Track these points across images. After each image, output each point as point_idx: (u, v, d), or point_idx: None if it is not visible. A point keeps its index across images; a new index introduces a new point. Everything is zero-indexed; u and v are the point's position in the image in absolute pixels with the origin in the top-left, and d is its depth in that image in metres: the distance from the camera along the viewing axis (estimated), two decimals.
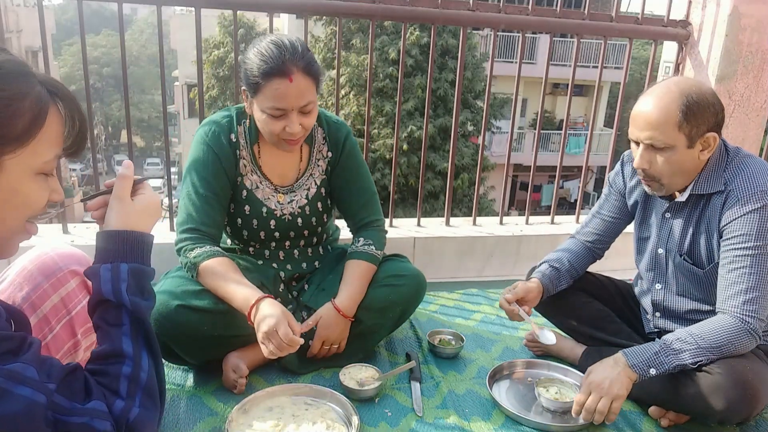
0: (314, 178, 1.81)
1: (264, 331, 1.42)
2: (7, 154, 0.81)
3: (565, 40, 16.37)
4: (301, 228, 1.81)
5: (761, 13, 2.63)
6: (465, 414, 1.61)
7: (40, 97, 0.83)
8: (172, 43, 17.60)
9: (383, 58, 10.88)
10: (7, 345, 0.79)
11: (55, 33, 20.42)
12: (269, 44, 1.54)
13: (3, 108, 0.79)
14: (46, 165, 0.87)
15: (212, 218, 1.66)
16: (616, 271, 2.18)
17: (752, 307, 1.46)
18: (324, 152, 1.81)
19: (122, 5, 2.16)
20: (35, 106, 0.82)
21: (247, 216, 1.75)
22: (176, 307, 1.53)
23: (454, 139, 2.79)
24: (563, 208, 17.63)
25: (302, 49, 1.56)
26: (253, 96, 1.58)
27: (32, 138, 0.82)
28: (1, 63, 0.81)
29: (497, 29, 2.58)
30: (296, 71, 1.52)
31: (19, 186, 0.84)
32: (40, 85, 0.84)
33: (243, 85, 1.61)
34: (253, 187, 1.74)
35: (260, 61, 1.52)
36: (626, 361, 1.51)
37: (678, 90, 1.48)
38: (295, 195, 1.79)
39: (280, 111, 1.55)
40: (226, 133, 1.69)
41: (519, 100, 2.92)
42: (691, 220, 1.62)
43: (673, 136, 1.48)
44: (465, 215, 7.12)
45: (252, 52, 1.56)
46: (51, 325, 1.14)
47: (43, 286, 1.14)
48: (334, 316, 1.68)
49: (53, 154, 0.87)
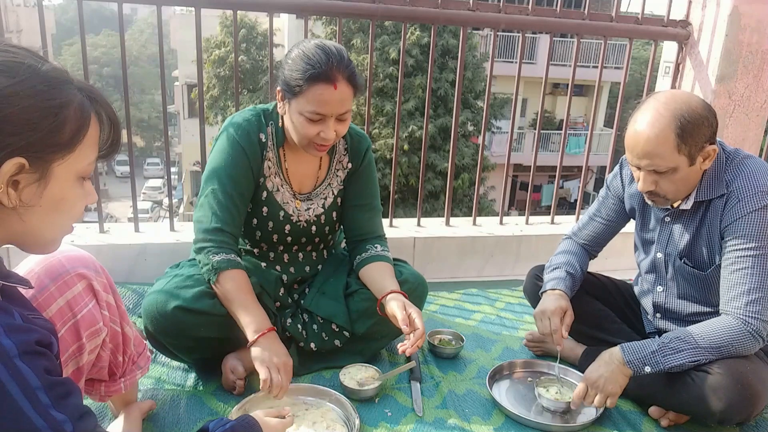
0: (332, 188, 1.81)
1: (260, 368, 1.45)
2: (56, 161, 0.84)
3: (565, 40, 16.38)
4: (314, 235, 1.81)
5: (761, 13, 2.63)
6: (465, 414, 1.61)
7: (83, 103, 0.86)
8: (172, 43, 17.58)
9: (384, 57, 10.89)
10: (60, 390, 0.80)
11: (55, 33, 20.40)
12: (316, 49, 1.53)
13: (53, 117, 0.82)
14: (87, 169, 0.90)
15: (236, 219, 1.65)
16: (617, 271, 2.18)
17: (755, 308, 1.45)
18: (344, 163, 1.81)
19: (122, 5, 2.16)
20: (79, 113, 0.85)
21: (264, 217, 1.74)
22: (174, 309, 1.53)
23: (454, 139, 2.79)
24: (563, 208, 17.63)
25: (347, 58, 1.56)
26: (292, 97, 1.56)
27: (78, 144, 0.86)
28: (47, 72, 0.83)
29: (497, 29, 2.58)
30: (341, 79, 1.52)
31: (66, 191, 0.88)
32: (79, 91, 0.87)
33: (280, 86, 1.59)
34: (274, 190, 1.73)
35: (306, 64, 1.51)
36: (622, 357, 1.51)
37: (669, 113, 1.45)
38: (312, 203, 1.78)
39: (320, 116, 1.54)
40: (255, 132, 1.67)
41: (519, 100, 2.92)
42: (691, 223, 1.61)
43: (673, 160, 1.47)
44: (465, 215, 7.12)
45: (296, 53, 1.55)
46: (56, 328, 1.14)
47: (49, 289, 1.14)
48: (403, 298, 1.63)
49: (93, 157, 0.91)
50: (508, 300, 2.44)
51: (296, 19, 13.98)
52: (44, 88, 0.82)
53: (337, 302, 1.76)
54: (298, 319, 1.76)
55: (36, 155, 0.81)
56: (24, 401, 0.75)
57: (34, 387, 0.76)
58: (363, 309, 1.74)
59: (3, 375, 0.73)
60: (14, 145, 0.79)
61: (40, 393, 0.76)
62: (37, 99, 0.81)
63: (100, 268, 1.25)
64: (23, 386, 0.75)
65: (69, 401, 0.81)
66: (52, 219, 0.88)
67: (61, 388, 0.80)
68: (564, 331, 1.66)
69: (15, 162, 0.79)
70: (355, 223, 1.83)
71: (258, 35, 13.90)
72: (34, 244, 0.91)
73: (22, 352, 0.76)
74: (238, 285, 1.55)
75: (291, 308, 1.78)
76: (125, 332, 1.30)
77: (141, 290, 2.15)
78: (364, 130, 2.61)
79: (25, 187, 0.82)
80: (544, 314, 1.68)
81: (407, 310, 1.58)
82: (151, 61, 34.53)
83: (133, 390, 1.44)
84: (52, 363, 0.81)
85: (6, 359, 0.74)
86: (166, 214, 3.00)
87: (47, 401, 0.77)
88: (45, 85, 0.82)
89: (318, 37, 2.34)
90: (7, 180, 0.80)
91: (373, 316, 1.71)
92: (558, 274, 1.80)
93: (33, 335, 0.79)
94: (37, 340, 0.79)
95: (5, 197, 0.80)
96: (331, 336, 1.76)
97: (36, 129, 0.80)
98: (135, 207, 2.49)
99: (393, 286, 1.67)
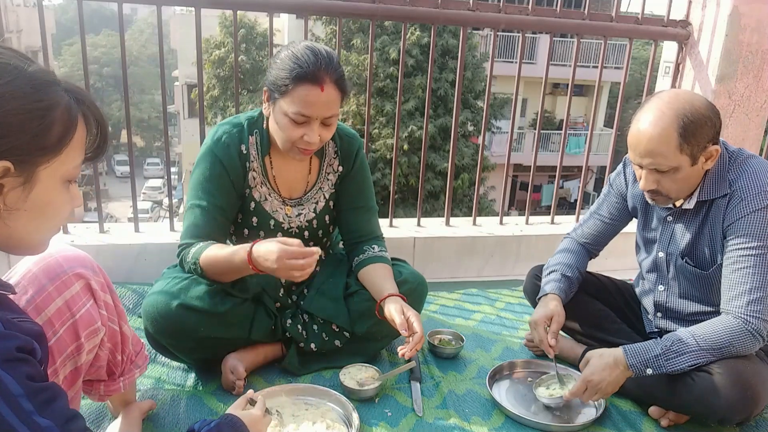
0: (323, 192, 1.79)
1: (275, 267, 1.39)
2: (42, 164, 0.82)
3: (565, 40, 16.37)
4: (307, 240, 1.80)
5: (761, 13, 2.63)
6: (465, 414, 1.61)
7: (70, 105, 0.85)
8: (172, 43, 17.58)
9: (384, 57, 10.89)
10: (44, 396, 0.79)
11: (55, 33, 20.42)
12: (306, 49, 1.52)
13: (39, 119, 0.80)
14: (74, 172, 0.88)
15: (215, 230, 1.64)
16: (617, 271, 2.18)
17: (756, 307, 1.45)
18: (335, 166, 1.79)
19: (122, 5, 2.16)
20: (66, 115, 0.84)
21: (255, 227, 1.73)
22: (176, 307, 1.53)
23: (454, 139, 2.79)
24: (563, 208, 17.62)
25: (336, 61, 1.54)
26: (278, 97, 1.54)
27: (65, 147, 0.84)
28: (33, 73, 0.81)
29: (497, 29, 2.58)
30: (328, 81, 1.50)
31: (51, 196, 0.86)
32: (66, 93, 0.85)
33: (267, 85, 1.57)
34: (262, 200, 1.72)
35: (294, 64, 1.49)
36: (625, 361, 1.51)
37: (672, 112, 1.45)
38: (303, 208, 1.77)
39: (304, 118, 1.52)
40: (236, 145, 1.65)
41: (519, 100, 2.92)
42: (694, 222, 1.61)
43: (676, 159, 1.47)
44: (465, 215, 7.12)
45: (285, 53, 1.53)
46: (55, 328, 1.14)
47: (47, 289, 1.14)
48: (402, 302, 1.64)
49: (79, 160, 0.89)
50: (508, 300, 2.44)
51: (296, 19, 13.98)
52: (30, 90, 0.80)
53: (337, 303, 1.76)
54: (298, 319, 1.75)
55: (21, 158, 0.79)
56: (5, 409, 0.73)
57: (16, 395, 0.74)
58: (363, 309, 1.73)
59: None
60: (0, 149, 0.77)
61: (23, 400, 0.75)
62: (24, 101, 0.79)
63: (98, 267, 1.25)
64: (4, 394, 0.73)
65: (54, 406, 0.79)
66: (38, 223, 0.86)
67: (45, 393, 0.78)
68: (550, 338, 1.67)
69: (0, 165, 0.77)
70: (352, 225, 1.82)
71: (257, 35, 13.89)
72: (20, 248, 0.89)
73: (2, 360, 0.74)
74: (214, 250, 1.53)
75: (291, 309, 1.78)
76: (123, 331, 1.30)
77: (141, 290, 2.15)
78: (364, 130, 2.62)
79: (10, 191, 0.80)
80: (531, 324, 1.73)
81: (405, 314, 1.58)
82: (151, 61, 34.52)
83: (132, 389, 1.44)
84: (35, 369, 0.80)
85: None
86: (166, 214, 3.01)
87: (30, 408, 0.75)
88: (31, 86, 0.80)
89: (318, 39, 2.33)
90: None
91: (373, 317, 1.71)
92: (552, 277, 1.82)
93: (13, 341, 0.77)
94: (17, 347, 0.77)
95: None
96: (331, 336, 1.76)
97: (22, 131, 0.79)
98: (135, 207, 2.49)
99: (391, 289, 1.67)
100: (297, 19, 13.44)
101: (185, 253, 1.59)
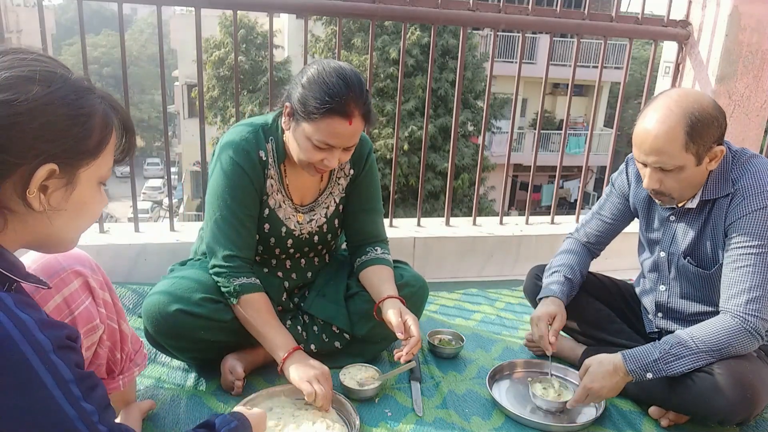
0: (333, 196, 1.78)
1: (307, 393, 1.48)
2: (83, 167, 0.88)
3: (565, 40, 16.37)
4: (316, 245, 1.80)
5: (761, 13, 2.63)
6: (465, 414, 1.61)
7: (106, 111, 0.91)
8: (172, 43, 17.58)
9: (384, 57, 10.90)
10: (88, 383, 0.85)
11: (55, 33, 20.41)
12: (337, 77, 1.47)
13: (82, 125, 0.86)
14: (107, 174, 0.95)
15: (248, 241, 1.63)
16: (617, 271, 2.18)
17: (755, 306, 1.45)
18: (346, 170, 1.78)
19: (122, 5, 2.16)
20: (104, 121, 0.90)
21: (266, 234, 1.71)
22: (175, 311, 1.53)
23: (454, 139, 2.79)
24: (563, 208, 17.63)
25: (365, 90, 1.51)
26: (302, 119, 1.50)
27: (102, 151, 0.90)
28: (75, 81, 0.87)
29: (497, 29, 2.58)
30: (357, 114, 1.48)
31: (88, 196, 0.92)
32: (100, 100, 0.91)
33: (290, 102, 1.53)
34: (276, 207, 1.70)
35: (324, 94, 1.45)
36: (625, 367, 1.51)
37: (680, 110, 1.44)
38: (314, 214, 1.76)
39: (328, 146, 1.51)
40: (255, 151, 1.62)
41: (519, 100, 2.92)
42: (696, 222, 1.61)
43: (681, 158, 1.46)
44: (465, 215, 7.12)
45: (313, 75, 1.49)
46: None
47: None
48: (400, 304, 1.64)
49: (111, 163, 0.95)
50: (508, 300, 2.44)
51: (296, 19, 13.99)
52: (75, 97, 0.86)
53: (337, 305, 1.76)
54: (298, 320, 1.75)
55: (66, 161, 0.85)
56: (59, 393, 0.79)
57: (68, 380, 0.80)
58: (363, 311, 1.73)
59: (40, 369, 0.78)
60: (48, 152, 0.83)
61: (72, 386, 0.81)
62: (69, 108, 0.85)
63: (96, 266, 1.26)
64: (58, 379, 0.79)
65: (95, 393, 0.85)
66: (76, 222, 0.93)
67: (89, 380, 0.85)
68: (551, 336, 1.67)
69: (47, 168, 0.83)
70: (358, 227, 1.82)
71: (257, 35, 13.89)
72: (56, 246, 0.95)
73: (56, 346, 0.80)
74: (261, 308, 1.57)
75: (291, 311, 1.78)
76: (122, 329, 1.31)
77: (141, 290, 2.15)
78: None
79: (54, 192, 0.86)
80: (533, 320, 1.72)
81: (403, 317, 1.58)
82: (151, 61, 34.51)
83: (131, 388, 1.45)
84: (81, 357, 0.86)
85: (42, 354, 0.78)
86: (166, 214, 3.01)
87: (78, 393, 0.82)
88: (75, 94, 0.86)
89: (318, 39, 2.32)
90: (39, 185, 0.83)
91: (373, 319, 1.71)
92: (555, 278, 1.81)
93: (64, 330, 0.83)
94: (67, 335, 0.83)
95: (36, 201, 0.84)
96: (331, 338, 1.76)
97: (67, 136, 0.85)
98: (135, 207, 2.50)
99: (390, 291, 1.66)
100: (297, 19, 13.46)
101: (230, 276, 1.57)
